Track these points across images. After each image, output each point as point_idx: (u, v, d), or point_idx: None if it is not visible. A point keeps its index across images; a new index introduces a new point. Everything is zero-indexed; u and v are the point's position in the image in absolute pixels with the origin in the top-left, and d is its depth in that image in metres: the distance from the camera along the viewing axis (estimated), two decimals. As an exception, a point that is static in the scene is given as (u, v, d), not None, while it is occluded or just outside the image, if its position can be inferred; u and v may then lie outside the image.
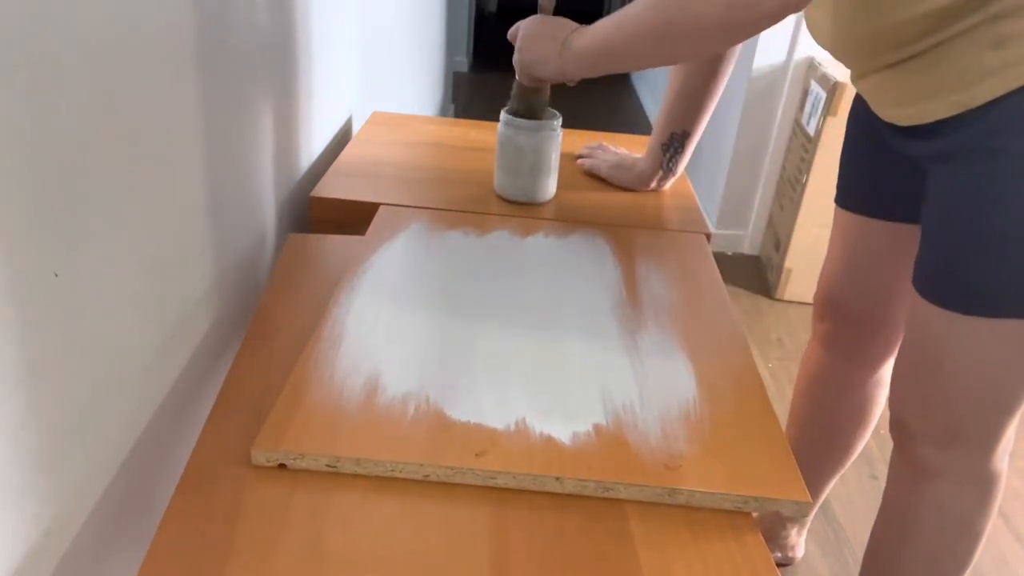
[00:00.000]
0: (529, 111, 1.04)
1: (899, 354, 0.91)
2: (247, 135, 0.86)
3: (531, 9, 0.99)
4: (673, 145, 1.12)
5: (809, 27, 0.93)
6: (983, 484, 0.91)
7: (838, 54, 0.89)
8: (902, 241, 1.00)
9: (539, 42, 0.93)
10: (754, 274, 2.52)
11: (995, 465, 0.90)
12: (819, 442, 1.24)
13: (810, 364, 1.23)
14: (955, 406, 0.86)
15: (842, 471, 1.28)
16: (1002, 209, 0.75)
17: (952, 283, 0.81)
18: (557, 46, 0.91)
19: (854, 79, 0.91)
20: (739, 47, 1.01)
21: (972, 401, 0.85)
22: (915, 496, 0.95)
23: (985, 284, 0.78)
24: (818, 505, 1.40)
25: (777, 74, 2.36)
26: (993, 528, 1.56)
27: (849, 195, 1.07)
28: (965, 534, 0.95)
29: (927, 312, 0.83)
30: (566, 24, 0.92)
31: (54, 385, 0.52)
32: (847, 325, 1.13)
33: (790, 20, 2.25)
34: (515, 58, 0.97)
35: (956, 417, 0.87)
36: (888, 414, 0.96)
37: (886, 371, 1.16)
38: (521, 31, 0.97)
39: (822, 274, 1.15)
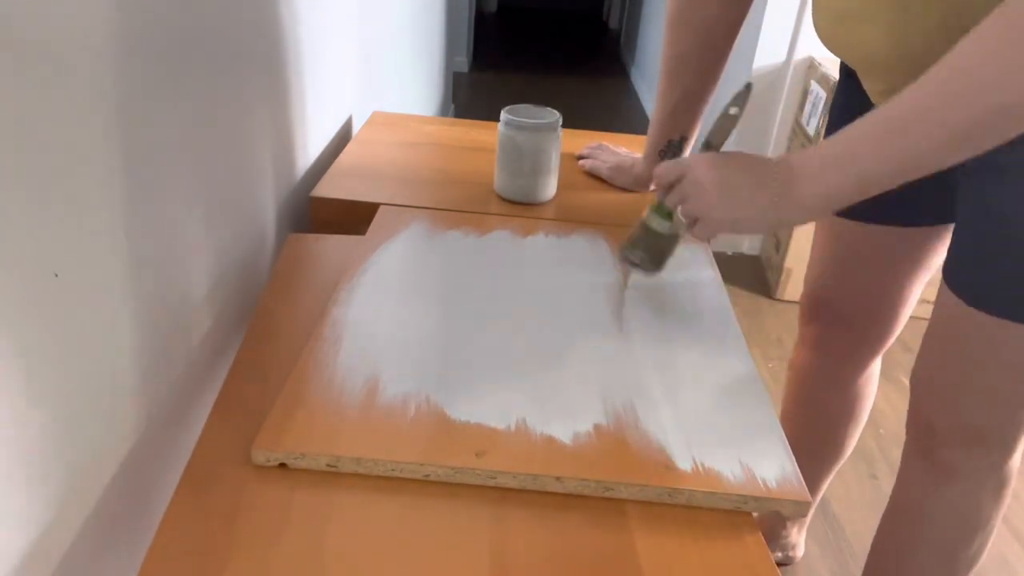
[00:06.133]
0: (655, 260, 0.83)
1: (926, 356, 0.91)
2: (247, 135, 0.86)
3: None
4: (671, 150, 1.12)
5: (837, 44, 0.83)
6: (1000, 483, 0.93)
7: (883, 70, 0.80)
8: (898, 244, 1.00)
9: (740, 194, 0.72)
10: (754, 274, 2.52)
11: (1013, 465, 0.91)
12: (814, 441, 1.25)
13: (800, 367, 1.22)
14: (988, 408, 0.86)
15: (838, 467, 1.29)
16: None
17: (998, 288, 0.80)
18: (768, 196, 0.70)
19: (882, 92, 0.84)
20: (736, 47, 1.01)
21: (1005, 403, 0.85)
22: (932, 497, 0.96)
23: None
24: (816, 502, 1.40)
25: (777, 74, 2.36)
26: (993, 528, 1.56)
27: None
28: (981, 531, 0.96)
29: (967, 316, 0.82)
30: (767, 164, 0.72)
31: (54, 384, 0.52)
32: (838, 326, 1.13)
33: (790, 20, 2.25)
34: (684, 208, 0.76)
35: (986, 419, 0.87)
36: (885, 413, 0.96)
37: (875, 366, 1.18)
38: (692, 177, 0.74)
39: (808, 277, 1.15)
